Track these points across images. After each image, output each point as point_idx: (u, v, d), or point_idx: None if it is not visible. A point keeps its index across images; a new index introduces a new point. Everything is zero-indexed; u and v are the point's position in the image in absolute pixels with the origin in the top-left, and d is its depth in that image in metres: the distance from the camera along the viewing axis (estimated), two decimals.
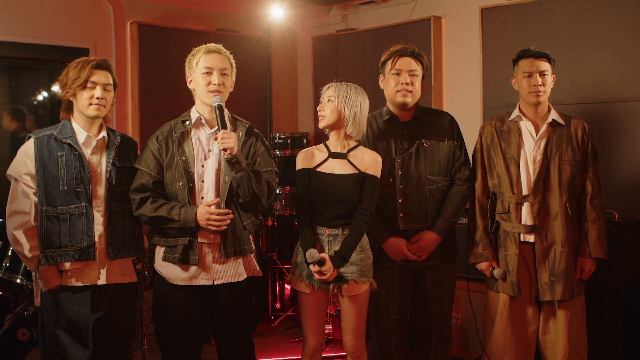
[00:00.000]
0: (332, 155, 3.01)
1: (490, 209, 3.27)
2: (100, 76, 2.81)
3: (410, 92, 3.16)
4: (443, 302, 3.24)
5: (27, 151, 2.79)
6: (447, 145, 3.22)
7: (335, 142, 3.03)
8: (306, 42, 6.19)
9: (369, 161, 3.00)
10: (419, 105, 3.29)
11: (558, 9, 4.29)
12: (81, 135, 2.83)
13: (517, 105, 3.25)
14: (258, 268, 3.05)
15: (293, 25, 6.10)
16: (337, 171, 2.99)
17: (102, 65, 2.82)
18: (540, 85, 3.13)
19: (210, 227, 2.80)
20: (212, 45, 2.95)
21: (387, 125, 3.24)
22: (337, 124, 2.99)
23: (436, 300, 3.22)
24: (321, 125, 3.01)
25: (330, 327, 4.60)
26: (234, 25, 5.81)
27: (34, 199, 2.77)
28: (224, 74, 2.91)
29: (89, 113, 2.80)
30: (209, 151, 2.93)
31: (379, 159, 3.03)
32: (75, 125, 2.85)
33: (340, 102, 2.96)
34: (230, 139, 2.76)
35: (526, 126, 3.19)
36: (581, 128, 3.17)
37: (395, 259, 3.16)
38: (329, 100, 2.98)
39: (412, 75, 3.17)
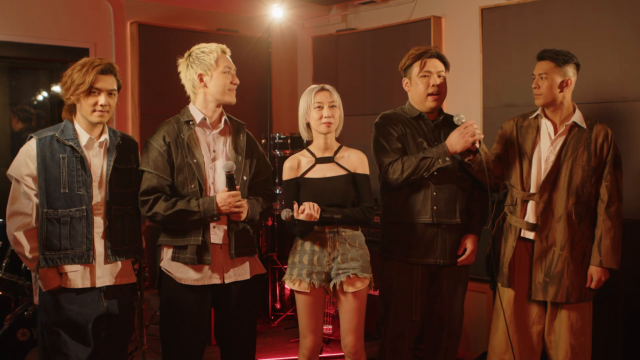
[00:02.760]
0: (319, 160, 3.03)
1: (499, 201, 3.28)
2: (105, 82, 2.77)
3: (439, 94, 3.16)
4: (456, 300, 3.23)
5: (29, 152, 2.77)
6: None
7: (323, 146, 3.05)
8: (306, 42, 6.19)
9: (357, 161, 3.06)
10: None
11: (558, 9, 4.29)
12: (83, 137, 2.82)
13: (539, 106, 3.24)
14: (262, 266, 3.11)
15: (293, 25, 6.10)
16: (327, 175, 3.00)
17: (107, 70, 2.78)
18: (535, 87, 3.13)
19: (234, 210, 2.82)
20: (225, 46, 2.98)
21: (415, 122, 3.23)
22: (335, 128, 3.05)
23: (450, 299, 3.21)
24: (328, 130, 3.01)
25: (330, 327, 4.60)
26: (234, 25, 5.80)
27: (36, 200, 2.76)
28: (235, 74, 2.98)
29: (92, 120, 2.79)
30: (213, 152, 2.95)
31: (365, 157, 3.09)
32: (77, 127, 2.84)
33: (340, 107, 3.04)
34: (243, 212, 2.87)
35: (546, 125, 3.18)
36: (603, 134, 3.13)
37: (464, 144, 3.02)
38: (332, 105, 2.99)
39: (440, 76, 3.17)
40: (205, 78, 2.91)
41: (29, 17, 4.77)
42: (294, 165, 3.04)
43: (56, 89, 5.35)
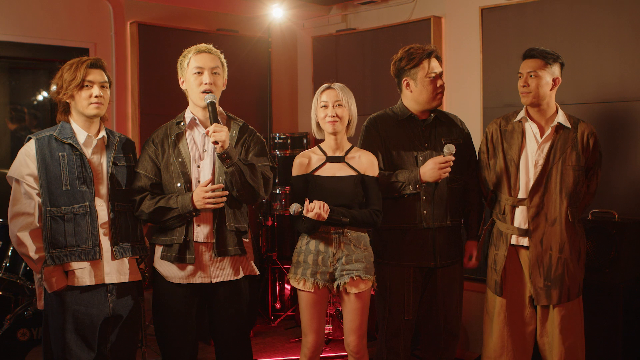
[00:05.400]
0: (330, 159, 3.03)
1: (488, 206, 3.29)
2: (96, 75, 2.82)
3: (442, 94, 3.22)
4: (452, 300, 3.24)
5: (29, 152, 2.79)
6: (462, 146, 3.26)
7: (334, 145, 3.04)
8: (306, 42, 6.19)
9: (367, 162, 3.04)
10: None
11: (558, 9, 4.29)
12: (81, 135, 2.84)
13: (525, 105, 3.23)
14: (255, 267, 3.07)
15: (293, 25, 6.10)
16: (337, 174, 3.00)
17: (96, 64, 2.84)
18: (523, 86, 3.11)
19: (207, 206, 2.83)
20: (202, 46, 2.98)
21: (404, 123, 3.24)
22: (343, 128, 3.02)
23: (446, 298, 3.22)
24: (334, 130, 3.00)
25: (330, 327, 4.60)
26: (234, 25, 5.80)
27: (38, 199, 2.76)
28: (215, 73, 2.94)
29: (89, 112, 2.81)
30: (203, 151, 2.96)
31: (375, 159, 3.07)
32: (74, 125, 2.85)
33: (348, 105, 3.01)
34: (222, 132, 2.77)
35: (531, 128, 3.16)
36: (588, 132, 3.13)
37: (437, 177, 3.06)
38: (338, 105, 2.98)
39: (441, 77, 3.22)
40: (184, 82, 3.00)
41: (29, 17, 4.77)
42: (304, 162, 3.05)
43: (52, 89, 5.34)
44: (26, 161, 2.78)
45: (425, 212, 3.16)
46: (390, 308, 3.21)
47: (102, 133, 2.90)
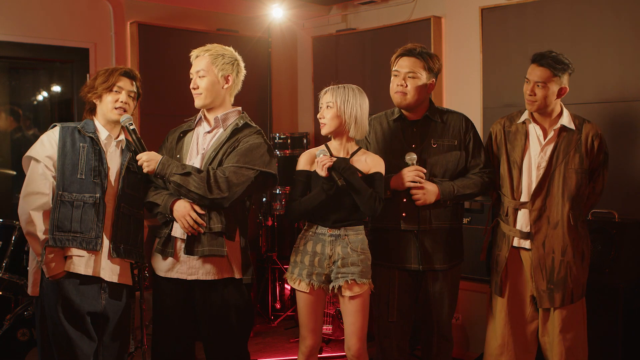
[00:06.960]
0: None
1: (493, 206, 3.29)
2: (127, 83, 2.97)
3: (404, 94, 3.12)
4: (444, 305, 3.21)
5: (52, 137, 2.89)
6: (457, 148, 3.17)
7: (337, 147, 3.03)
8: (306, 42, 6.19)
9: (372, 163, 3.00)
10: (433, 104, 3.26)
11: (558, 9, 4.29)
12: (103, 133, 2.96)
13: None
14: (236, 271, 2.97)
15: (293, 25, 6.10)
16: None
17: (129, 74, 2.99)
18: (530, 94, 3.08)
19: (181, 224, 2.87)
20: (197, 50, 3.05)
21: (396, 124, 3.23)
22: (339, 130, 2.98)
23: (438, 303, 3.20)
24: (323, 132, 3.00)
25: (330, 327, 4.60)
26: (234, 25, 5.80)
27: (53, 181, 2.84)
28: (200, 77, 3.00)
29: (112, 117, 2.93)
30: (202, 149, 3.00)
31: (381, 160, 3.03)
32: (98, 124, 2.97)
33: (339, 108, 2.94)
34: (140, 159, 2.89)
35: (535, 130, 3.15)
36: (593, 134, 3.09)
37: (403, 186, 3.07)
38: (327, 106, 2.97)
39: (411, 77, 3.11)
40: None
41: (29, 17, 4.77)
42: (310, 159, 3.05)
43: (56, 89, 5.35)
44: (49, 143, 2.88)
45: (405, 214, 3.12)
46: (379, 309, 3.22)
47: (122, 137, 3.02)
